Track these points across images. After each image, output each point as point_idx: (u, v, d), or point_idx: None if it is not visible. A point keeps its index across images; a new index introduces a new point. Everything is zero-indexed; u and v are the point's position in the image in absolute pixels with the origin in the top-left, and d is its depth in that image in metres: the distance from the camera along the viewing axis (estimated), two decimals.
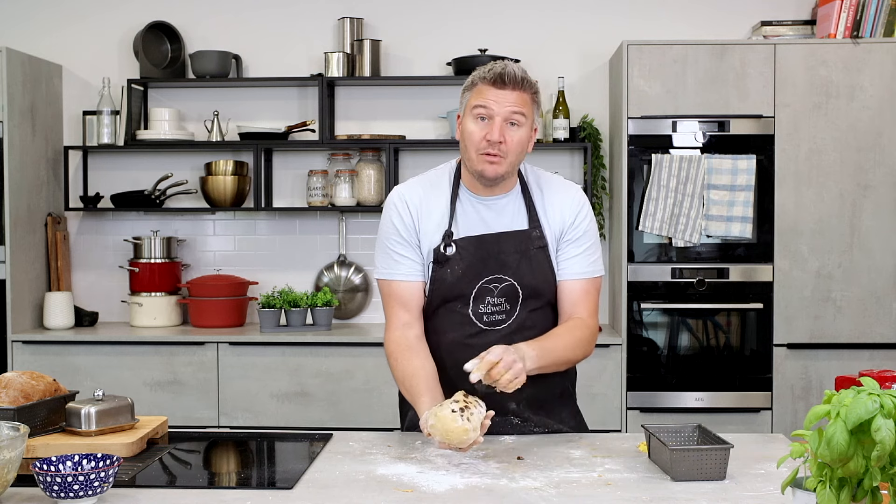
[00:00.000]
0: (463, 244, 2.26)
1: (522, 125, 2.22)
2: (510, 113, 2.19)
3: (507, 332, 2.27)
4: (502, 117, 2.19)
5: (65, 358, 4.28)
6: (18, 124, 4.35)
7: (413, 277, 2.29)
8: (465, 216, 2.29)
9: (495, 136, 2.19)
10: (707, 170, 4.13)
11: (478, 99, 2.21)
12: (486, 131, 2.20)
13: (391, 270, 2.30)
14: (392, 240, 2.30)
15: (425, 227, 2.29)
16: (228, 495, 1.82)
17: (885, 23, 4.19)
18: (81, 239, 4.79)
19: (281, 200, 4.75)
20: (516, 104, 2.19)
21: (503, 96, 2.19)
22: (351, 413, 4.22)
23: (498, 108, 2.19)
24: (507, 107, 2.19)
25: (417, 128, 4.70)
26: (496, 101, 2.19)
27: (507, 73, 2.19)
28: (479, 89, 2.21)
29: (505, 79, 2.18)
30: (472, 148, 2.22)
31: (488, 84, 2.20)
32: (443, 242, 2.26)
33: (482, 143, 2.20)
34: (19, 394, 2.08)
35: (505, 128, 2.20)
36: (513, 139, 2.21)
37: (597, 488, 1.85)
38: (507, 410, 2.28)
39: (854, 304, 4.19)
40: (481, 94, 2.21)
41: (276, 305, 4.40)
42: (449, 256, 2.25)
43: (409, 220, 2.29)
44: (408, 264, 2.29)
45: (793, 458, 1.44)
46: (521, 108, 2.20)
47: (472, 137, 2.22)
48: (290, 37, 4.75)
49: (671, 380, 4.23)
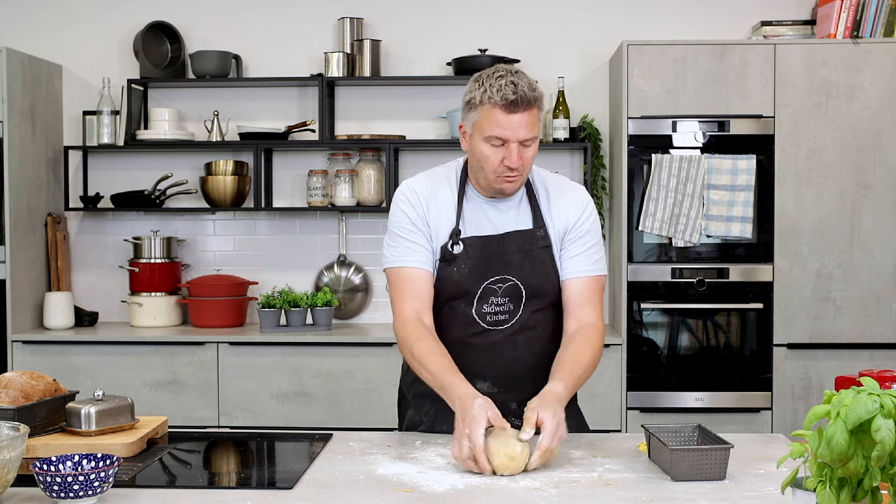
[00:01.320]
0: (470, 243, 2.26)
1: (535, 141, 2.20)
2: (524, 139, 2.16)
3: (509, 332, 2.28)
4: (518, 141, 2.16)
5: (65, 358, 4.28)
6: (18, 124, 4.35)
7: (424, 266, 2.25)
8: (471, 215, 2.29)
9: (514, 163, 2.16)
10: (707, 170, 4.13)
11: (490, 126, 2.15)
12: (502, 156, 2.17)
13: (403, 257, 2.26)
14: (404, 228, 2.27)
15: (434, 219, 2.28)
16: (228, 495, 1.82)
17: (885, 23, 4.19)
18: (81, 239, 4.79)
19: (281, 200, 4.75)
20: (528, 127, 2.15)
21: (516, 121, 2.14)
22: (351, 413, 4.22)
23: (513, 135, 2.14)
24: (521, 132, 2.15)
25: (417, 128, 4.70)
26: (509, 127, 2.14)
27: (520, 97, 2.12)
28: (490, 113, 2.15)
29: (518, 103, 2.13)
30: (490, 171, 2.20)
31: (500, 109, 2.13)
32: (450, 241, 2.27)
33: (500, 167, 2.18)
34: (19, 394, 2.08)
35: (520, 150, 2.17)
36: (528, 156, 2.19)
37: (597, 488, 1.85)
38: (509, 411, 2.28)
39: (854, 304, 4.19)
40: (493, 121, 2.14)
41: (276, 305, 4.40)
42: (456, 255, 2.26)
43: (420, 209, 2.28)
44: (420, 252, 2.26)
45: (793, 458, 1.44)
46: (533, 130, 2.17)
47: (488, 162, 2.19)
48: (290, 37, 4.75)
49: (671, 380, 4.23)
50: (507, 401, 2.25)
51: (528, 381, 2.28)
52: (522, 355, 2.29)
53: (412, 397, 2.40)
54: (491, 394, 2.19)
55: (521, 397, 2.23)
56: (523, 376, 2.30)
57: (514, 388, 2.29)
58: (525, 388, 2.25)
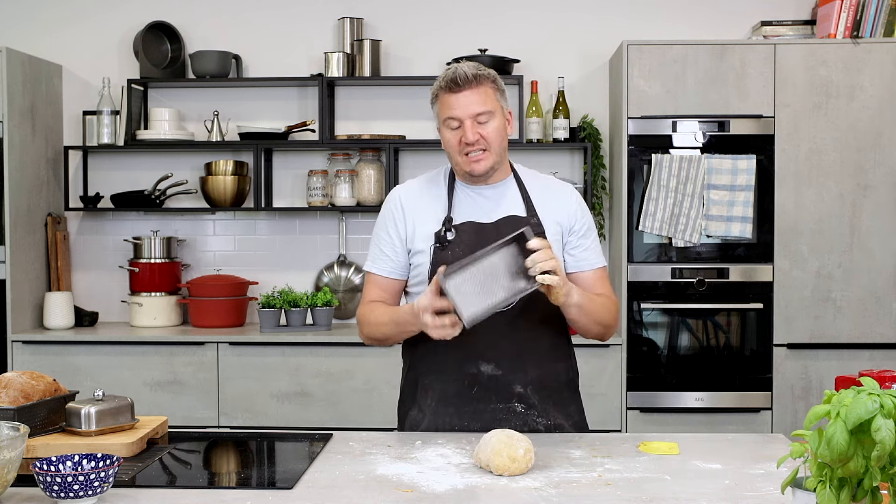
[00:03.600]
0: (464, 228, 2.35)
1: (493, 117, 2.31)
2: (476, 113, 2.29)
3: (511, 314, 2.30)
4: (470, 118, 2.29)
5: (65, 358, 4.28)
6: (18, 124, 4.35)
7: (393, 275, 2.42)
8: (462, 204, 2.38)
9: (469, 138, 2.30)
10: (707, 170, 4.13)
11: (444, 110, 2.32)
12: (459, 136, 2.31)
13: (375, 264, 2.44)
14: (378, 235, 2.45)
15: (421, 223, 2.38)
16: (228, 495, 1.82)
17: (885, 23, 4.19)
18: (81, 239, 4.79)
19: (281, 200, 4.75)
20: (477, 103, 2.29)
21: (463, 99, 2.29)
22: (351, 413, 4.22)
23: (462, 112, 2.29)
24: (470, 108, 2.29)
25: (417, 128, 4.70)
26: (458, 106, 2.30)
27: (459, 76, 2.28)
28: (442, 99, 2.32)
29: (458, 81, 2.28)
30: (455, 153, 2.34)
31: (446, 92, 2.30)
32: (443, 227, 2.34)
33: (460, 146, 2.31)
34: (19, 394, 2.08)
35: (476, 126, 2.30)
36: (488, 132, 2.31)
37: (597, 488, 1.85)
38: (513, 395, 2.31)
39: (854, 304, 4.19)
40: (445, 104, 2.31)
41: (276, 305, 4.40)
42: (450, 240, 2.33)
43: (401, 222, 2.40)
44: (387, 261, 2.42)
45: (793, 458, 1.44)
46: (484, 105, 2.30)
47: (450, 144, 2.34)
48: (290, 37, 4.75)
49: (671, 380, 4.23)
50: (510, 383, 2.31)
51: (530, 365, 2.34)
52: (524, 337, 2.34)
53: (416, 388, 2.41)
54: (494, 376, 2.31)
55: (524, 380, 2.33)
56: (525, 359, 2.34)
57: (517, 370, 2.33)
58: (528, 371, 2.33)
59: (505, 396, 2.32)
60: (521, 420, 2.31)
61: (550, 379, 2.37)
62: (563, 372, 2.41)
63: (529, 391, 2.33)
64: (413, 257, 2.39)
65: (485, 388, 2.32)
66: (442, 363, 2.34)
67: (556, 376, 2.39)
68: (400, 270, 2.42)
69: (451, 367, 2.33)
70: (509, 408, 2.32)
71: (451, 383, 2.34)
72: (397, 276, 2.43)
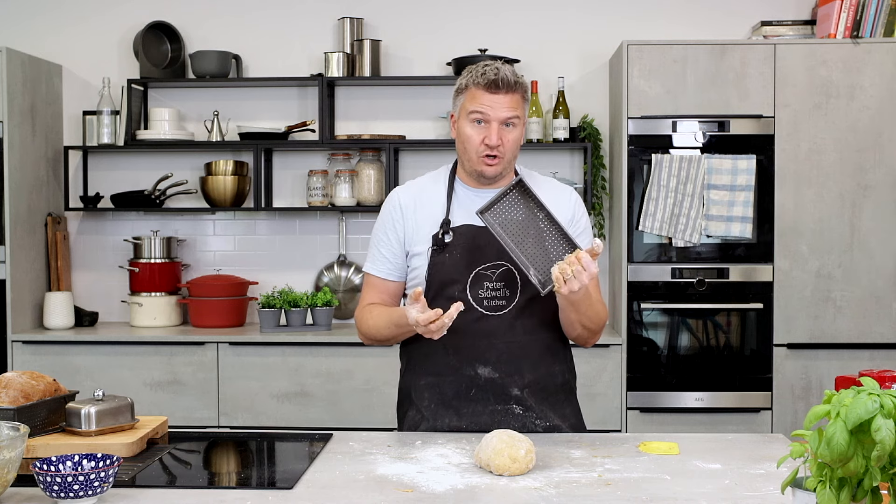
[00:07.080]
0: (461, 231, 2.34)
1: (517, 126, 2.31)
2: (506, 117, 2.28)
3: (508, 317, 2.32)
4: (499, 121, 2.28)
5: (65, 358, 4.28)
6: (18, 124, 4.35)
7: (390, 277, 2.44)
8: (461, 207, 2.37)
9: (493, 141, 2.28)
10: (707, 170, 4.13)
11: (473, 104, 2.29)
12: (483, 135, 2.29)
13: (374, 266, 2.46)
14: (379, 238, 2.45)
15: (420, 225, 2.37)
16: (228, 495, 1.82)
17: (885, 23, 4.19)
18: (81, 239, 4.79)
19: (281, 200, 4.75)
20: (510, 107, 2.28)
21: (498, 101, 2.27)
22: (351, 413, 4.22)
23: (494, 113, 2.27)
24: (503, 112, 2.28)
25: (417, 128, 4.70)
26: (491, 106, 2.27)
27: (501, 79, 2.27)
28: (474, 94, 2.29)
29: (499, 83, 2.27)
30: (472, 150, 2.31)
31: (482, 89, 2.27)
32: (441, 230, 2.34)
33: (481, 146, 2.30)
34: (19, 394, 2.08)
35: (501, 130, 2.28)
36: (509, 140, 2.30)
37: (597, 488, 1.85)
38: (510, 397, 2.31)
39: (854, 304, 4.19)
40: (476, 99, 2.28)
41: (276, 305, 4.40)
42: (447, 243, 2.33)
43: (399, 225, 2.40)
44: (385, 263, 2.43)
45: (793, 458, 1.44)
46: (516, 111, 2.29)
47: (470, 141, 2.31)
48: (290, 37, 4.75)
49: (671, 380, 4.23)
50: (507, 386, 2.32)
51: (527, 367, 2.34)
52: (521, 340, 2.34)
53: (414, 390, 2.41)
54: (491, 379, 2.31)
55: (522, 382, 2.32)
56: (523, 361, 2.34)
57: (514, 373, 2.33)
58: (525, 374, 2.33)
59: (502, 399, 2.32)
60: (519, 422, 2.32)
61: (547, 381, 2.37)
62: (560, 375, 2.41)
63: (526, 394, 2.33)
64: (411, 259, 2.40)
65: (482, 390, 2.32)
66: (439, 366, 2.34)
67: (553, 379, 2.39)
68: (398, 272, 2.43)
69: (449, 369, 2.33)
70: (507, 410, 2.32)
71: (448, 386, 2.34)
72: (395, 278, 2.44)
